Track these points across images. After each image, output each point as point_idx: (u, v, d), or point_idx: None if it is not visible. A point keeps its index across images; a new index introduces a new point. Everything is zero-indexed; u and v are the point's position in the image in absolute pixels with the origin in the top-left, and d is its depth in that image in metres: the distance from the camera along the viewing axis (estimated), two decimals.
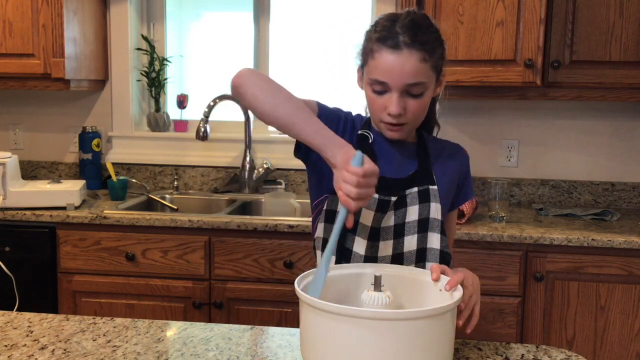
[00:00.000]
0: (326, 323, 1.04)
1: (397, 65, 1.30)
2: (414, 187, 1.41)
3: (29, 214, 2.42)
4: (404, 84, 1.31)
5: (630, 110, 2.74)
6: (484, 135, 2.82)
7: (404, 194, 1.39)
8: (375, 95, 1.35)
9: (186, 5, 3.12)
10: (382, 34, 1.33)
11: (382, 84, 1.33)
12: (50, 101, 3.07)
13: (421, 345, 1.03)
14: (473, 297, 1.26)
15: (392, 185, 1.39)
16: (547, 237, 2.21)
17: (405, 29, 1.30)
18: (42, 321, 1.40)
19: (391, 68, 1.30)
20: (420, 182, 1.41)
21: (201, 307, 2.39)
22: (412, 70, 1.30)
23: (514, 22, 2.38)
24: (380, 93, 1.34)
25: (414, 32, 1.30)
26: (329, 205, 1.39)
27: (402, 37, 1.30)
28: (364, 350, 1.01)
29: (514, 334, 2.29)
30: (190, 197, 2.87)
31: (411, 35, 1.30)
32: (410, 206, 1.39)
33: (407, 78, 1.30)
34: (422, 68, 1.31)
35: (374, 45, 1.33)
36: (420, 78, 1.31)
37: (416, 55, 1.30)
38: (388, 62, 1.30)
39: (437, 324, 1.05)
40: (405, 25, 1.31)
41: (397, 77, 1.30)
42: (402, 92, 1.32)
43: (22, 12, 2.61)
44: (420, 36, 1.30)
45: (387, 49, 1.30)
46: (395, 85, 1.31)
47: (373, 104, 1.37)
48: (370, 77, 1.35)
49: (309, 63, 3.03)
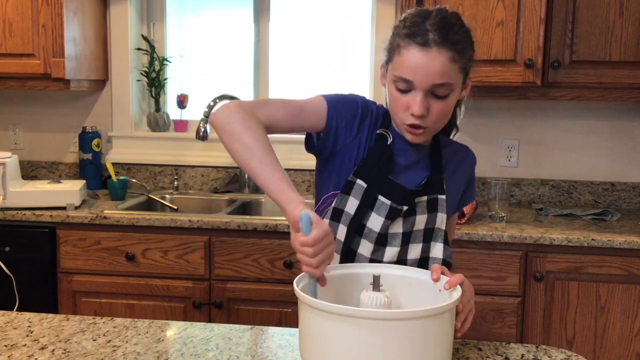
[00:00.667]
0: (325, 323, 1.04)
1: (425, 63, 1.24)
2: (424, 196, 1.38)
3: (29, 214, 2.42)
4: (430, 83, 1.25)
5: (630, 110, 2.74)
6: (484, 135, 2.82)
7: (414, 202, 1.37)
8: (399, 93, 1.29)
9: (186, 5, 3.12)
10: (411, 30, 1.26)
11: (407, 82, 1.27)
12: (50, 101, 3.07)
13: (420, 345, 1.03)
14: (470, 303, 1.25)
15: (408, 195, 1.35)
16: (547, 237, 2.21)
17: (437, 27, 1.25)
18: (42, 321, 1.40)
19: (418, 66, 1.25)
20: (431, 191, 1.38)
21: (201, 307, 2.39)
22: (440, 69, 1.25)
23: (514, 22, 2.38)
24: (404, 92, 1.29)
25: (445, 30, 1.25)
26: (338, 204, 1.36)
27: (432, 34, 1.24)
28: (362, 350, 1.01)
29: (514, 334, 2.29)
30: (190, 197, 2.87)
31: (442, 34, 1.24)
32: (419, 215, 1.37)
33: (434, 78, 1.25)
34: (450, 68, 1.26)
35: (401, 40, 1.27)
36: (448, 79, 1.26)
37: (445, 54, 1.25)
38: (415, 59, 1.25)
39: (436, 323, 1.05)
40: (437, 23, 1.25)
41: (424, 75, 1.25)
42: (427, 92, 1.27)
43: (22, 12, 2.61)
44: (452, 35, 1.25)
45: (416, 46, 1.25)
46: (420, 84, 1.26)
47: (395, 102, 1.31)
48: (395, 73, 1.28)
49: (309, 62, 3.03)
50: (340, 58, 2.99)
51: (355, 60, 2.97)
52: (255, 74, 3.05)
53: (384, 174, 1.35)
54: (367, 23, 2.94)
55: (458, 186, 1.47)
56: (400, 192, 1.34)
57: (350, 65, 2.98)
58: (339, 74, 2.99)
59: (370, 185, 1.34)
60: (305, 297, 1.07)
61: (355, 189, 1.34)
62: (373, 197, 1.34)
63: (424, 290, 1.23)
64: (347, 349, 1.02)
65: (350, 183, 1.35)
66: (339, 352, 1.03)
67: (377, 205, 1.34)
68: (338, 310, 1.02)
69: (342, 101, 1.37)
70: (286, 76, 3.05)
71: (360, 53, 2.96)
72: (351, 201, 1.34)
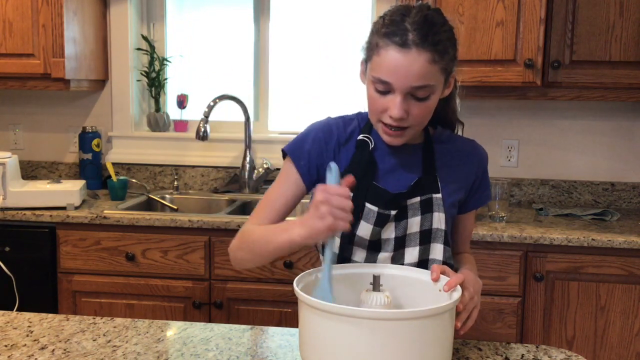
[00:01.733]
0: (325, 323, 1.04)
1: (404, 65, 1.19)
2: (416, 197, 1.33)
3: (29, 214, 2.42)
4: (409, 85, 1.21)
5: (630, 110, 2.74)
6: (484, 135, 2.82)
7: (405, 205, 1.33)
8: (377, 94, 1.25)
9: (186, 5, 3.12)
10: (390, 29, 1.21)
11: (385, 84, 1.22)
12: (50, 101, 3.07)
13: (419, 345, 1.03)
14: (474, 299, 1.22)
15: (392, 199, 1.32)
16: (547, 237, 2.21)
17: (416, 26, 1.19)
18: (42, 321, 1.40)
19: (396, 68, 1.20)
20: (423, 191, 1.34)
21: (201, 307, 2.39)
22: (419, 71, 1.19)
23: (514, 22, 2.38)
24: (383, 93, 1.24)
25: (425, 30, 1.19)
26: None
27: (411, 34, 1.19)
28: (362, 350, 1.01)
29: (514, 334, 2.29)
30: (190, 197, 2.87)
31: (422, 34, 1.19)
32: (411, 218, 1.33)
33: (413, 80, 1.20)
34: (430, 70, 1.20)
35: (380, 40, 1.22)
36: (428, 81, 1.21)
37: (425, 55, 1.19)
38: (394, 60, 1.20)
39: (436, 324, 1.05)
40: (417, 22, 1.20)
41: (403, 78, 1.20)
42: (406, 94, 1.22)
43: (22, 12, 2.61)
44: (432, 35, 1.19)
45: (394, 46, 1.20)
46: (399, 86, 1.21)
47: (374, 103, 1.27)
48: (373, 74, 1.24)
49: (309, 62, 3.03)
50: (340, 58, 2.99)
51: (355, 60, 2.96)
52: (255, 74, 3.05)
53: (368, 180, 1.32)
54: (367, 23, 2.94)
55: (462, 184, 1.40)
56: (385, 196, 1.31)
57: (350, 65, 2.98)
58: (339, 73, 2.99)
59: (355, 194, 1.28)
60: (305, 297, 1.07)
61: None
62: (361, 205, 1.31)
63: (424, 290, 1.23)
64: (346, 349, 1.02)
65: None
66: (338, 352, 1.03)
67: (365, 213, 1.31)
68: (338, 310, 1.02)
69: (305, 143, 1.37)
70: (286, 76, 3.05)
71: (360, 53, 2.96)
72: None
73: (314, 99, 3.03)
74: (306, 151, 1.35)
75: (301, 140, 1.37)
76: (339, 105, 2.96)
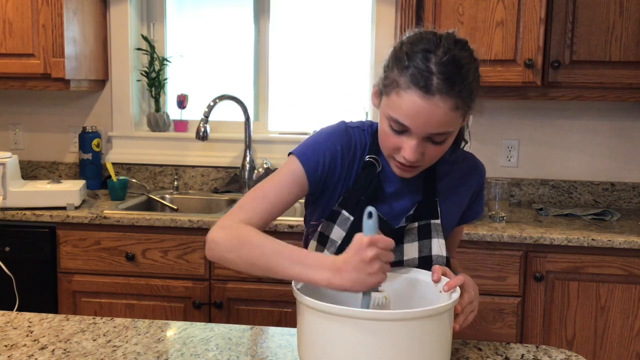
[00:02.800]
0: (323, 323, 1.04)
1: (425, 112, 1.12)
2: (414, 223, 1.30)
3: (29, 214, 2.42)
4: (428, 132, 1.15)
5: (630, 110, 2.74)
6: (484, 135, 2.82)
7: (402, 228, 1.29)
8: (392, 132, 1.18)
9: (186, 5, 3.12)
10: (413, 70, 1.12)
11: (402, 126, 1.15)
12: (50, 101, 3.07)
13: (418, 345, 1.03)
14: (473, 303, 1.21)
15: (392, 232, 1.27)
16: (547, 237, 2.21)
17: (442, 68, 1.11)
18: (42, 321, 1.40)
19: (417, 114, 1.12)
20: (421, 217, 1.30)
21: (201, 307, 2.39)
22: (441, 119, 1.13)
23: (514, 22, 2.38)
24: (398, 132, 1.17)
25: (452, 75, 1.11)
26: (323, 229, 1.31)
27: (436, 79, 1.10)
28: (360, 350, 1.02)
29: (514, 334, 2.29)
30: (190, 197, 2.87)
31: (448, 80, 1.11)
32: (407, 243, 1.30)
33: (434, 127, 1.14)
34: (452, 117, 1.14)
35: (401, 78, 1.13)
36: (448, 127, 1.15)
37: (449, 103, 1.12)
38: (415, 106, 1.12)
39: (434, 324, 1.05)
40: (443, 63, 1.11)
41: (422, 124, 1.13)
42: (423, 138, 1.16)
43: (22, 12, 2.61)
44: (459, 82, 1.12)
45: (417, 91, 1.11)
46: (417, 132, 1.15)
47: (387, 140, 1.20)
48: (390, 113, 1.16)
49: (309, 62, 3.03)
50: (340, 58, 2.99)
51: (355, 60, 2.97)
52: (255, 74, 3.05)
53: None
54: (367, 23, 2.94)
55: (460, 201, 1.38)
56: (386, 228, 1.25)
57: (350, 65, 2.98)
58: (339, 74, 2.99)
59: (356, 219, 1.25)
60: (303, 297, 1.07)
61: (341, 220, 1.28)
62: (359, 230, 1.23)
63: (424, 291, 1.23)
64: (345, 349, 1.03)
65: (336, 213, 1.29)
66: (336, 352, 1.03)
67: None
68: (336, 311, 1.02)
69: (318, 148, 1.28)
70: (286, 76, 3.05)
71: (360, 53, 2.96)
72: (336, 230, 1.28)
73: (314, 99, 3.03)
74: (321, 161, 1.27)
75: (315, 147, 1.28)
76: (339, 105, 2.96)
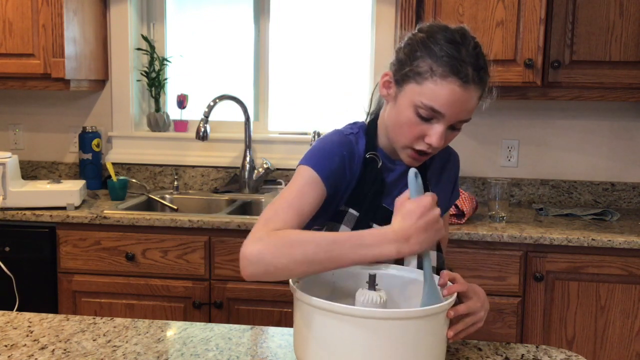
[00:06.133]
0: (318, 320, 1.05)
1: (462, 100, 1.19)
2: None
3: (29, 214, 2.42)
4: (459, 119, 1.21)
5: (630, 110, 2.74)
6: (484, 135, 2.82)
7: None
8: (418, 119, 1.21)
9: (186, 5, 3.12)
10: (450, 61, 1.18)
11: (435, 113, 1.19)
12: (50, 101, 3.07)
13: (412, 345, 1.04)
14: (478, 315, 1.19)
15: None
16: (547, 237, 2.21)
17: (473, 60, 1.19)
18: (42, 321, 1.40)
19: (455, 102, 1.18)
20: None
21: (201, 307, 2.39)
22: (470, 107, 1.21)
23: (514, 22, 2.38)
24: (426, 120, 1.21)
25: (482, 67, 1.21)
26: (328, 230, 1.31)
27: (470, 69, 1.18)
28: (355, 347, 1.02)
29: (514, 334, 2.29)
30: (190, 197, 2.87)
31: (480, 71, 1.20)
32: None
33: (465, 114, 1.21)
34: (476, 105, 1.23)
35: (438, 68, 1.18)
36: (471, 114, 1.24)
37: (478, 93, 1.22)
38: (454, 95, 1.18)
39: (429, 324, 1.05)
40: (474, 56, 1.20)
41: (457, 112, 1.20)
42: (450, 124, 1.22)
43: (22, 12, 2.61)
44: (484, 73, 1.22)
45: (457, 80, 1.17)
46: (450, 119, 1.20)
47: (411, 128, 1.23)
48: (423, 100, 1.19)
49: (309, 62, 3.03)
50: (340, 58, 2.99)
51: (355, 60, 2.97)
52: (255, 74, 3.05)
53: (378, 201, 1.31)
54: (367, 23, 2.94)
55: (445, 187, 1.43)
56: (386, 213, 1.27)
57: (350, 65, 2.98)
58: (339, 74, 2.99)
59: (363, 214, 1.29)
60: (300, 293, 1.08)
61: (347, 218, 1.30)
62: (366, 226, 1.29)
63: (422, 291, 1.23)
64: (339, 346, 1.03)
65: (342, 212, 1.30)
66: (331, 348, 1.04)
67: None
68: (332, 308, 1.02)
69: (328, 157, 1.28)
70: (286, 76, 3.05)
71: (360, 53, 2.96)
72: (342, 229, 1.29)
73: (314, 99, 3.03)
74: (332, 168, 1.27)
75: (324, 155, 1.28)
76: (339, 105, 2.96)
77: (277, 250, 1.10)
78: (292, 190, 1.24)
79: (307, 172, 1.26)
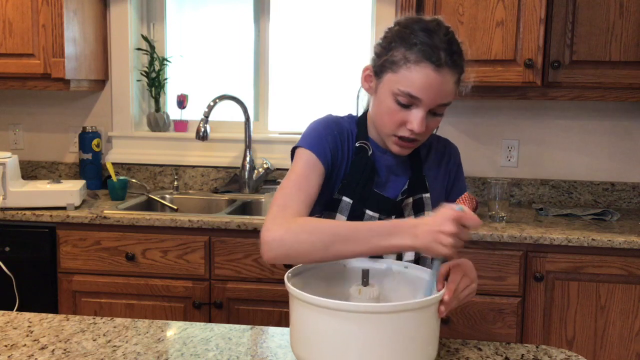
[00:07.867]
0: (313, 316, 1.06)
1: (437, 84, 1.22)
2: (409, 198, 1.37)
3: (29, 214, 2.42)
4: (436, 103, 1.25)
5: (630, 110, 2.74)
6: (484, 135, 2.82)
7: (401, 209, 1.37)
8: (398, 107, 1.26)
9: (186, 5, 3.12)
10: (423, 47, 1.22)
11: (413, 99, 1.24)
12: (50, 101, 3.07)
13: (405, 337, 1.05)
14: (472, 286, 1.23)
15: (393, 206, 1.35)
16: (547, 237, 2.21)
17: (446, 45, 1.23)
18: (42, 321, 1.40)
19: (430, 86, 1.22)
20: (414, 192, 1.38)
21: (201, 307, 2.39)
22: (448, 91, 1.24)
23: (514, 22, 2.38)
24: (405, 106, 1.25)
25: (456, 52, 1.24)
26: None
27: (443, 54, 1.22)
28: (349, 342, 1.04)
29: (514, 334, 2.29)
30: (190, 197, 2.87)
31: (454, 56, 1.23)
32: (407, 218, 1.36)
33: (442, 98, 1.24)
34: (454, 89, 1.26)
35: (411, 55, 1.22)
36: (450, 98, 1.26)
37: (454, 76, 1.25)
38: (427, 79, 1.22)
39: (421, 317, 1.07)
40: (446, 41, 1.23)
41: (433, 95, 1.23)
42: (429, 110, 1.26)
43: (22, 12, 2.61)
44: (459, 57, 1.25)
45: (429, 64, 1.21)
46: (428, 103, 1.24)
47: (392, 116, 1.27)
48: (400, 88, 1.24)
49: (309, 62, 3.03)
50: (340, 58, 2.99)
51: (355, 60, 2.97)
52: (255, 74, 3.05)
53: (369, 187, 1.35)
54: (367, 23, 2.94)
55: (443, 179, 1.46)
56: (387, 204, 1.34)
57: (350, 65, 2.98)
58: (338, 74, 2.99)
59: (356, 201, 1.33)
60: (295, 290, 1.09)
61: (342, 206, 1.34)
62: (360, 212, 1.33)
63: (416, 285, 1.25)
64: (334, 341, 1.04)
65: (336, 201, 1.34)
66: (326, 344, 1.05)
67: (365, 220, 1.33)
68: (325, 304, 1.04)
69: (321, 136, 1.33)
70: (286, 76, 3.05)
71: (360, 53, 2.96)
72: (338, 218, 1.34)
73: (314, 99, 3.03)
74: (327, 147, 1.33)
75: (318, 136, 1.34)
76: (339, 105, 2.96)
77: (298, 236, 1.16)
78: (298, 173, 1.29)
79: (304, 154, 1.32)
